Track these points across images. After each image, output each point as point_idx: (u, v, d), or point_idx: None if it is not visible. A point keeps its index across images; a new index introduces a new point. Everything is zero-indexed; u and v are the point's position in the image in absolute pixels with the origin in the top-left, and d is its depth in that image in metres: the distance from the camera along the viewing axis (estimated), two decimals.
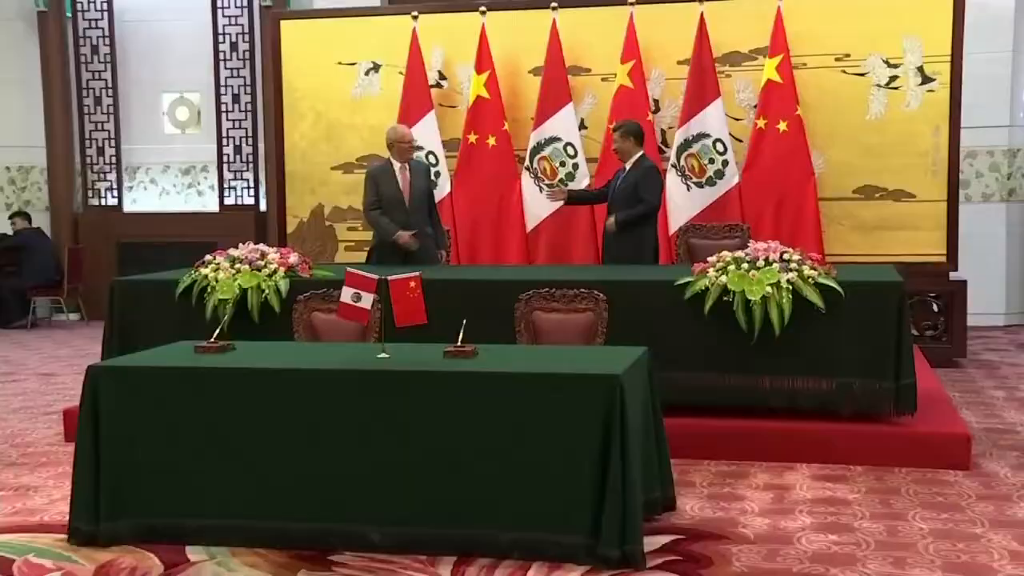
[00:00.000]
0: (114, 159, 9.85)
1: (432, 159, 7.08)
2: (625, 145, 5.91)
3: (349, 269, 3.70)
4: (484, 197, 6.71)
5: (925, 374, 5.30)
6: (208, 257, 5.25)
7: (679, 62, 6.97)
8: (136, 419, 3.52)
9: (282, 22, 7.72)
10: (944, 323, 6.83)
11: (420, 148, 6.01)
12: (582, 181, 6.94)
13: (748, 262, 4.64)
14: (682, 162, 6.85)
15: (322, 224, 7.73)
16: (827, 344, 4.56)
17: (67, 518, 3.57)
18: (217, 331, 3.98)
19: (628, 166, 5.90)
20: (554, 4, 6.96)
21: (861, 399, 4.54)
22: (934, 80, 6.70)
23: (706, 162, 6.82)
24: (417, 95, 7.23)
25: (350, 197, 7.69)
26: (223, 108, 9.51)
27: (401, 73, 7.37)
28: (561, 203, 6.21)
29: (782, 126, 6.69)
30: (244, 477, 3.45)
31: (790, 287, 4.53)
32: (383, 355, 3.64)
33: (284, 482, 3.43)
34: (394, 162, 5.78)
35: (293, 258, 5.25)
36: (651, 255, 5.87)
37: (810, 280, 4.56)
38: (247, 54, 9.45)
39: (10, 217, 9.70)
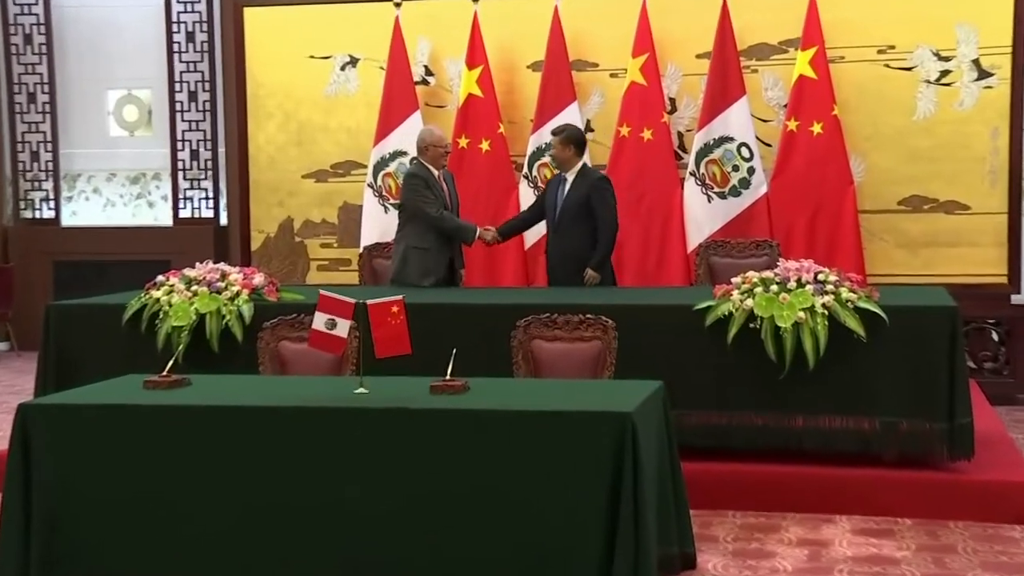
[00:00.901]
0: (51, 165, 9.85)
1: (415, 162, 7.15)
2: (565, 154, 5.94)
3: (322, 291, 3.73)
4: (476, 210, 6.78)
5: (984, 412, 5.31)
6: (160, 278, 5.32)
7: (698, 56, 7.09)
8: (75, 465, 3.52)
9: (246, 9, 7.84)
10: (1005, 354, 6.88)
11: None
12: None
13: (778, 284, 4.70)
14: (702, 169, 6.94)
15: (292, 240, 7.81)
16: (869, 378, 4.62)
17: None
18: (170, 363, 4.01)
19: (570, 177, 5.94)
20: None
21: (909, 441, 4.58)
22: (992, 75, 6.79)
23: (729, 169, 6.90)
24: (400, 93, 7.34)
25: (323, 209, 7.77)
26: (178, 107, 9.55)
27: (382, 68, 7.48)
28: (497, 242, 6.26)
29: (816, 128, 6.79)
30: (202, 530, 3.45)
31: (826, 312, 4.59)
32: (361, 390, 3.68)
33: (247, 535, 3.44)
34: (430, 168, 6.01)
35: (258, 279, 5.29)
36: (611, 280, 6.03)
37: (849, 304, 4.62)
38: (205, 45, 9.51)
39: None
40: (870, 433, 4.61)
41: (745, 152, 6.88)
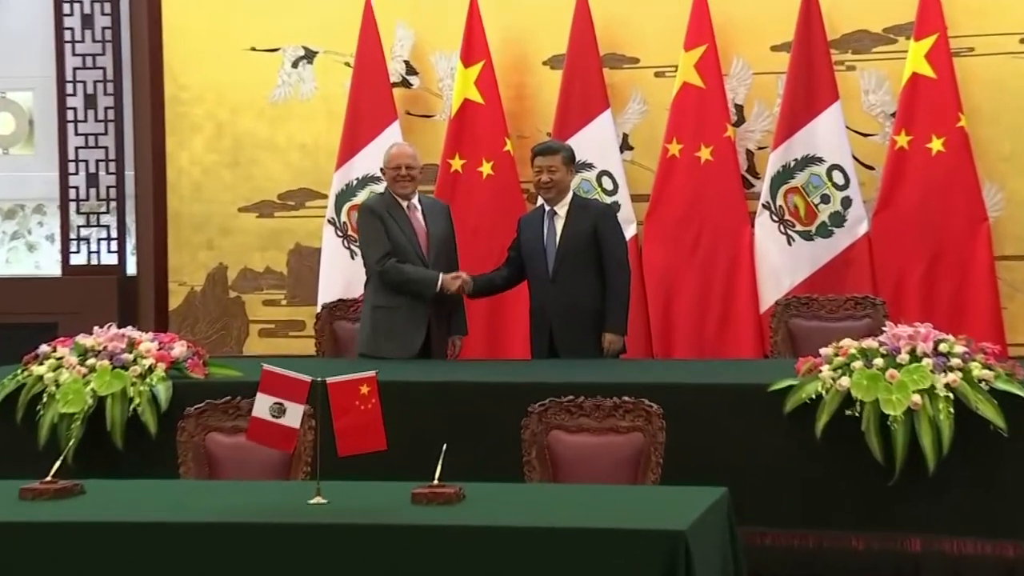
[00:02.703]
0: None
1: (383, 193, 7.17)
2: (568, 178, 6.15)
3: (266, 366, 3.76)
4: (475, 253, 6.82)
5: None
6: (45, 348, 5.33)
7: (774, 48, 7.20)
8: None
9: None
10: None
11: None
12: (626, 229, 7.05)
13: (884, 356, 4.71)
14: (779, 201, 7.02)
15: (224, 296, 7.89)
16: (1011, 486, 4.64)
17: None
18: (57, 464, 3.98)
19: (562, 210, 6.10)
20: None
21: None
22: None
23: (817, 201, 6.98)
24: (373, 98, 7.45)
25: (268, 254, 7.82)
26: (70, 116, 9.54)
27: (348, 65, 7.57)
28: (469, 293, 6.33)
29: (936, 145, 6.85)
30: None
31: (951, 396, 4.60)
32: (318, 500, 3.68)
33: None
34: (396, 197, 6.14)
35: (179, 349, 5.32)
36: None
37: (983, 385, 4.63)
38: (109, 33, 9.53)
39: None
40: (1013, 561, 4.60)
41: (838, 177, 6.96)
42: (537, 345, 6.17)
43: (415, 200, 6.20)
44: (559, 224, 6.08)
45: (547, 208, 6.14)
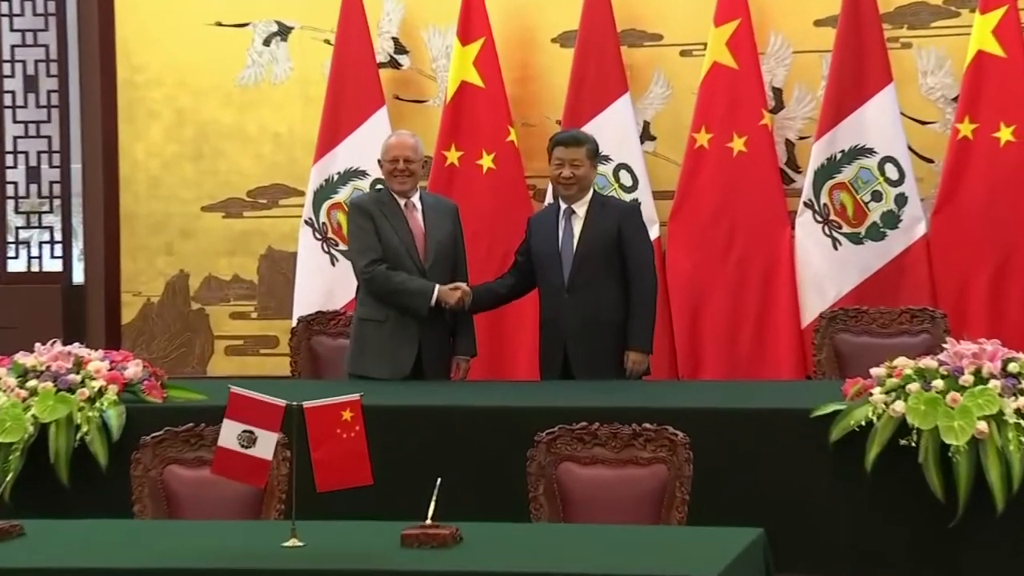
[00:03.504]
0: None
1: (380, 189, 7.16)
2: (591, 174, 6.17)
3: (234, 388, 3.75)
4: (474, 259, 6.79)
5: None
6: None
7: (818, 23, 7.23)
8: None
9: None
10: None
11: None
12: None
13: (944, 378, 4.69)
14: (824, 199, 7.05)
15: (186, 308, 7.89)
16: None
17: None
18: None
19: (581, 209, 6.09)
20: None
21: None
22: None
23: (867, 198, 7.01)
24: (356, 81, 7.48)
25: (236, 260, 7.84)
26: (7, 101, 9.60)
27: (328, 42, 7.61)
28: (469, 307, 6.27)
29: (1005, 134, 6.87)
30: None
31: (1023, 424, 4.61)
32: (293, 542, 3.65)
33: None
34: (394, 194, 6.10)
35: (133, 369, 5.32)
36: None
37: None
38: (52, 6, 9.62)
39: None
40: None
41: (892, 171, 6.98)
42: (548, 364, 6.14)
43: (415, 198, 6.16)
44: (577, 225, 6.07)
45: (563, 207, 6.14)
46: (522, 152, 7.32)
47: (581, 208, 6.08)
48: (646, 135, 7.36)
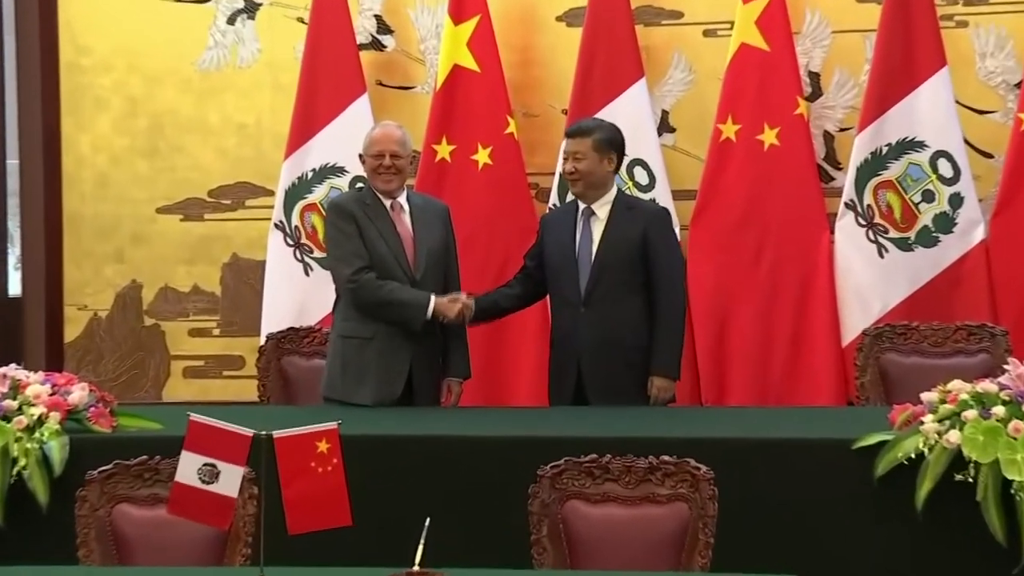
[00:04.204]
0: None
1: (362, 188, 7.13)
2: (601, 168, 6.03)
3: (193, 416, 3.75)
4: (468, 267, 6.77)
5: None
6: None
7: None
8: None
9: None
10: None
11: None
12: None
13: (1006, 404, 4.65)
14: (868, 199, 7.07)
15: (138, 324, 7.89)
16: None
17: None
18: None
19: (602, 210, 6.02)
20: None
21: None
22: None
23: (917, 199, 7.02)
24: (334, 65, 7.49)
25: (196, 269, 7.84)
26: None
27: (301, 21, 7.63)
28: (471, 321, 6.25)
29: None
30: None
31: None
32: None
33: None
34: (378, 194, 6.07)
35: (78, 393, 5.29)
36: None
37: None
38: None
39: None
40: None
41: (945, 168, 6.98)
42: (558, 387, 6.10)
43: (402, 199, 6.12)
44: (597, 229, 6.02)
45: (581, 206, 6.08)
46: (523, 146, 7.34)
47: (602, 209, 6.03)
48: (664, 126, 7.39)
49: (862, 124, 7.04)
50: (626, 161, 7.01)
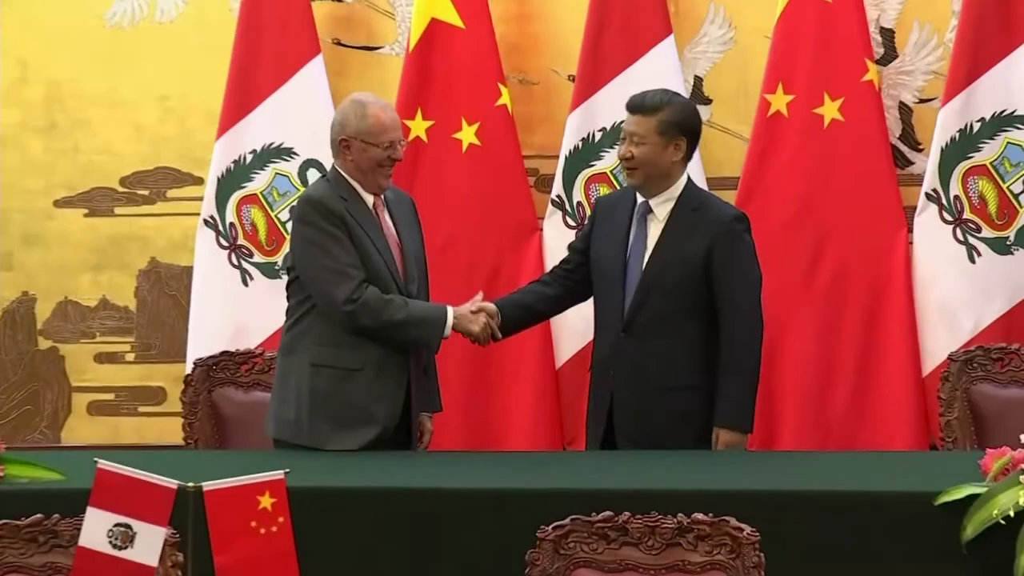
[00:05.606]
0: None
1: (316, 174, 7.20)
2: (664, 156, 5.97)
3: (102, 463, 3.79)
4: (448, 274, 6.85)
5: None
6: None
7: None
8: None
9: None
10: None
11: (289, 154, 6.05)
12: None
13: None
14: (955, 189, 7.13)
15: (31, 346, 7.95)
16: None
17: None
18: None
19: (662, 209, 6.00)
20: None
21: None
22: None
23: (1017, 188, 7.10)
24: (280, 20, 7.56)
25: (104, 276, 7.84)
26: None
27: None
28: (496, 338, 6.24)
29: None
30: None
31: None
32: None
33: None
34: (357, 188, 5.99)
35: None
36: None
37: None
38: None
39: None
40: None
41: None
42: (594, 428, 6.09)
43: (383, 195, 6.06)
44: (653, 232, 5.99)
45: (638, 200, 6.00)
46: (518, 121, 7.40)
47: (662, 207, 6.01)
48: (698, 96, 7.37)
49: (948, 94, 7.10)
50: None
